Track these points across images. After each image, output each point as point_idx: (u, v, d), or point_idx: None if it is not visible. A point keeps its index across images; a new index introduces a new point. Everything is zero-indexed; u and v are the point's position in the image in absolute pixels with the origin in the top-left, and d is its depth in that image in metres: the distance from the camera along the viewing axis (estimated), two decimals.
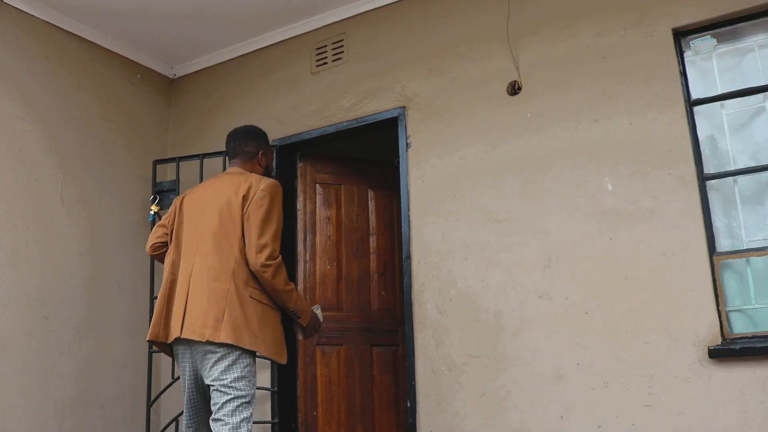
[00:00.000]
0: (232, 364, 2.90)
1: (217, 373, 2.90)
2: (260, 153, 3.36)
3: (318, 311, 3.27)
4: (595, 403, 3.26)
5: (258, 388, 4.28)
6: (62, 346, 4.12)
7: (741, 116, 3.28)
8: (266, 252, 2.96)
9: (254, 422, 4.19)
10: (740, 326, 3.08)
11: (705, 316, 3.07)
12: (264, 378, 4.34)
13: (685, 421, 3.04)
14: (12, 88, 4.09)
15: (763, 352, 2.90)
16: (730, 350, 2.96)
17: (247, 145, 3.36)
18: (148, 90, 5.06)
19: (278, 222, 3.05)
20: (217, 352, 2.90)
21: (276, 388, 4.29)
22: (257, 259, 2.95)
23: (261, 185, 3.08)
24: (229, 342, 2.86)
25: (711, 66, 3.38)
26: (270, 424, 4.27)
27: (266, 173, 3.38)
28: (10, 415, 3.78)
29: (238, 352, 2.91)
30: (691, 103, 3.33)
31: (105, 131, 4.64)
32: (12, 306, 3.89)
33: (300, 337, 3.23)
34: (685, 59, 3.42)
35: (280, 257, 3.00)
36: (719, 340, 3.03)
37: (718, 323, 3.05)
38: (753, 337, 3.00)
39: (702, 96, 3.35)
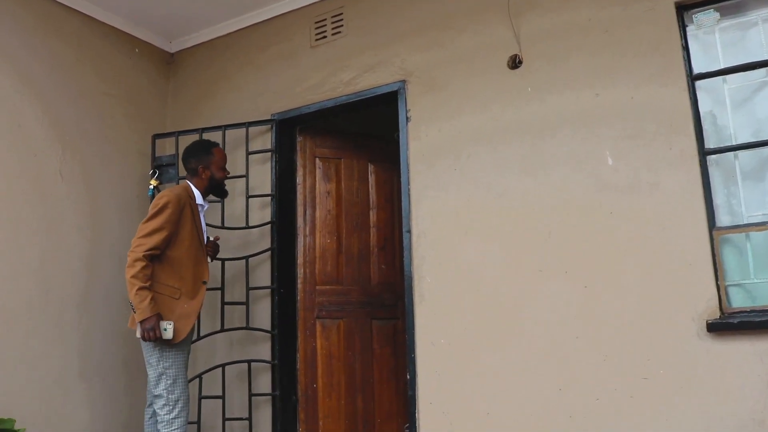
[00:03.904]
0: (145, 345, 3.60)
1: None
2: (200, 168, 3.89)
3: (168, 327, 3.52)
4: (593, 375, 3.29)
5: (258, 361, 4.33)
6: (64, 319, 4.15)
7: (743, 91, 3.27)
8: (133, 245, 3.56)
9: (256, 394, 4.26)
10: (739, 300, 3.10)
11: (704, 291, 3.09)
12: (264, 351, 4.38)
13: (682, 393, 3.07)
14: (9, 63, 4.06)
15: (761, 326, 2.92)
16: (729, 324, 2.98)
17: (188, 162, 3.93)
18: (147, 64, 5.03)
19: (156, 225, 3.57)
20: None
21: (276, 361, 4.32)
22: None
23: (156, 198, 3.72)
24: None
25: (714, 40, 3.36)
26: (271, 397, 4.31)
27: (213, 184, 3.95)
28: (14, 388, 3.82)
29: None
30: (693, 78, 3.32)
31: (104, 106, 4.62)
32: (13, 280, 3.90)
33: (137, 334, 3.52)
34: (688, 33, 3.39)
35: (142, 254, 3.49)
36: (718, 314, 3.04)
37: (717, 297, 3.06)
38: (751, 311, 3.01)
39: (704, 70, 3.33)
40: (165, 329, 3.50)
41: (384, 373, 4.63)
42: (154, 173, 4.62)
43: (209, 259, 3.99)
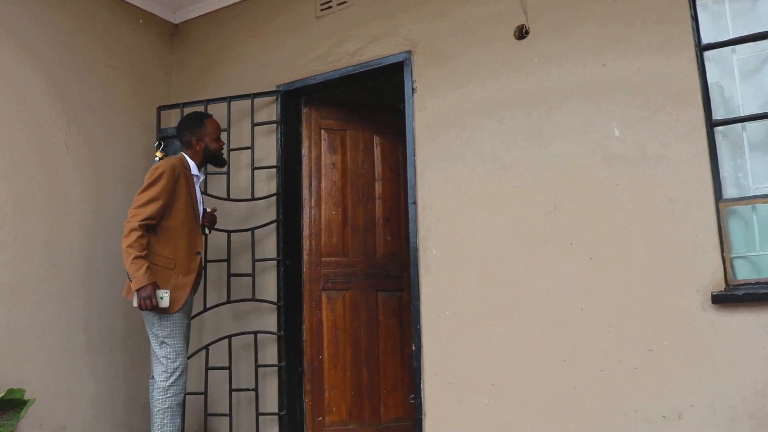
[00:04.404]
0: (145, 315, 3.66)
1: None
2: (193, 140, 3.89)
3: (164, 295, 3.55)
4: (598, 347, 3.30)
5: (264, 332, 4.36)
6: (71, 292, 4.17)
7: (752, 62, 3.23)
8: (129, 215, 3.58)
9: (262, 365, 4.29)
10: (744, 272, 3.09)
11: (709, 263, 3.09)
12: (270, 322, 4.41)
13: (686, 365, 3.08)
14: (13, 34, 4.04)
15: (765, 297, 2.92)
16: (734, 296, 2.98)
17: (182, 135, 3.95)
18: (151, 36, 5.00)
19: (152, 196, 3.59)
20: None
21: (282, 333, 4.35)
22: None
23: (151, 169, 3.71)
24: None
25: (723, 10, 3.31)
26: (277, 368, 4.34)
27: (208, 155, 3.95)
28: (24, 359, 3.86)
29: None
30: (701, 48, 3.28)
31: (108, 78, 4.61)
32: (21, 253, 3.92)
33: (134, 303, 3.53)
34: (697, 3, 3.33)
35: (137, 224, 3.52)
36: (723, 286, 3.05)
37: (722, 269, 3.06)
38: (756, 283, 3.01)
39: (713, 41, 3.29)
40: (161, 297, 3.55)
41: (389, 344, 4.66)
42: (159, 145, 4.61)
43: (207, 231, 4.02)
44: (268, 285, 4.46)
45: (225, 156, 4.24)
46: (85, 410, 4.17)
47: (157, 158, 4.55)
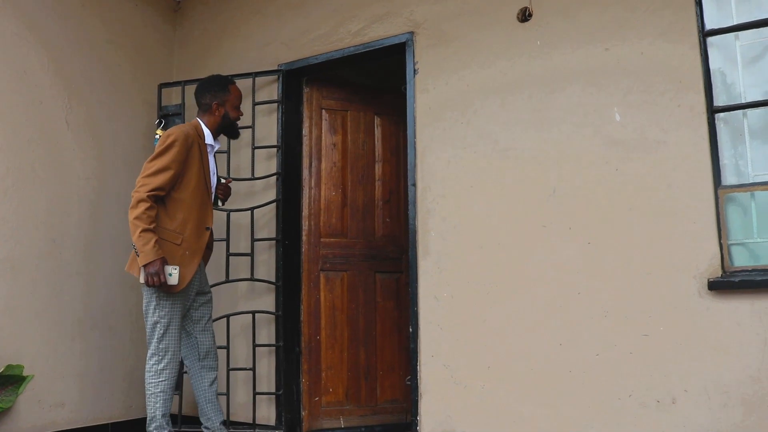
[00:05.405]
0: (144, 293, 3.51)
1: None
2: (214, 104, 3.70)
3: (173, 272, 3.38)
4: (594, 331, 3.31)
5: (262, 312, 4.37)
6: (71, 269, 4.18)
7: (755, 48, 3.21)
8: (137, 184, 3.40)
9: (260, 345, 4.31)
10: (741, 259, 3.10)
11: (707, 249, 3.09)
12: (269, 302, 4.42)
13: (681, 350, 3.09)
14: (13, 8, 4.02)
15: (762, 285, 2.92)
16: (730, 283, 2.99)
17: (203, 97, 3.73)
18: (153, 12, 4.97)
19: (162, 165, 3.40)
20: None
21: (280, 313, 4.36)
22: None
23: (163, 135, 3.51)
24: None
25: None
26: (275, 347, 4.36)
27: (226, 123, 3.76)
28: (22, 335, 3.87)
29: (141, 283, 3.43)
30: (704, 34, 3.26)
31: (109, 54, 4.59)
32: (21, 229, 3.93)
33: (141, 279, 3.37)
34: None
35: (146, 194, 3.34)
36: (719, 273, 3.05)
37: (719, 256, 3.07)
38: (753, 270, 3.02)
39: (716, 26, 3.27)
40: (170, 274, 3.36)
41: (387, 326, 4.68)
42: (160, 123, 4.61)
43: (220, 203, 3.90)
44: (267, 265, 4.47)
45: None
46: (84, 387, 4.20)
47: (157, 136, 4.54)
